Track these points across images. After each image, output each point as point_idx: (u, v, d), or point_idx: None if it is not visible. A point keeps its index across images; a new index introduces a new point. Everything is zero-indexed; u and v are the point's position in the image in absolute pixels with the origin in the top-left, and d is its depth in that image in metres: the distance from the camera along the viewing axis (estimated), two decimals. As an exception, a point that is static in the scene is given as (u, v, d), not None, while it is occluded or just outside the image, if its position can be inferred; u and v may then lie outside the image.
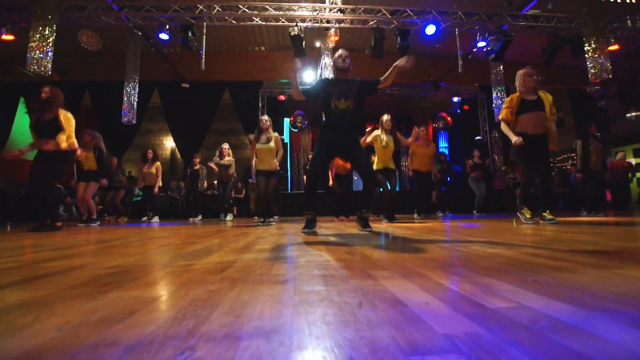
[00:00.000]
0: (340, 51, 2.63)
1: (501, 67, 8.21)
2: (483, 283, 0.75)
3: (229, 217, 6.07)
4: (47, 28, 5.04)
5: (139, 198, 8.60)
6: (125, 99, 7.38)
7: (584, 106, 10.45)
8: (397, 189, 4.73)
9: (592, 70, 6.38)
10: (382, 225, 3.37)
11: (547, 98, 3.11)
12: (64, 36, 6.65)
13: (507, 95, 8.42)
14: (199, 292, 0.71)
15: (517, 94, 3.19)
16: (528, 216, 3.14)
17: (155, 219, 6.05)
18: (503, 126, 3.25)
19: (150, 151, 6.07)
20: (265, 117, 4.26)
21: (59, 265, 1.11)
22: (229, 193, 6.19)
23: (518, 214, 3.38)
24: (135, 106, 7.55)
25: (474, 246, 1.46)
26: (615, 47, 7.32)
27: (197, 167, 6.95)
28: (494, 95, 8.52)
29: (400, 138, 4.51)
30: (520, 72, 3.19)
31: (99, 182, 4.75)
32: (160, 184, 6.18)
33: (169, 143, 12.05)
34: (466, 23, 6.73)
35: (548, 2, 6.59)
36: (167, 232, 2.84)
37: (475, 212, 6.24)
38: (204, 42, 6.20)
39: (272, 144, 4.13)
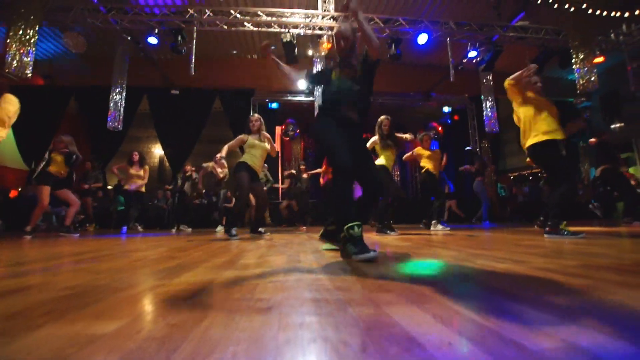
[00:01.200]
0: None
1: (490, 77, 8.30)
2: (509, 310, 0.62)
3: (219, 228, 5.83)
4: (29, 29, 4.84)
5: (123, 207, 8.31)
6: (111, 104, 7.17)
7: (570, 118, 10.63)
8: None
9: (580, 81, 6.48)
10: (373, 237, 3.23)
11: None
12: (49, 39, 6.46)
13: (497, 106, 8.57)
14: (157, 327, 0.56)
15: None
16: (569, 229, 2.43)
17: (139, 228, 5.78)
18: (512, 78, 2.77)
19: (136, 153, 5.76)
20: (256, 116, 3.76)
21: (1, 287, 0.93)
22: (221, 202, 5.98)
23: (550, 234, 2.47)
24: (122, 112, 7.33)
25: (479, 260, 1.33)
26: (600, 59, 7.48)
27: (189, 173, 6.74)
28: (484, 105, 8.59)
29: (399, 136, 4.09)
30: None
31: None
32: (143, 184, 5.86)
33: (157, 151, 11.77)
34: (457, 33, 6.78)
35: (537, 13, 6.72)
36: (146, 245, 2.64)
37: (484, 220, 6.12)
38: (194, 47, 6.07)
39: (265, 144, 3.68)
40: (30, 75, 4.91)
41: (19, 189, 8.36)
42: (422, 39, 6.56)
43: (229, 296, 0.77)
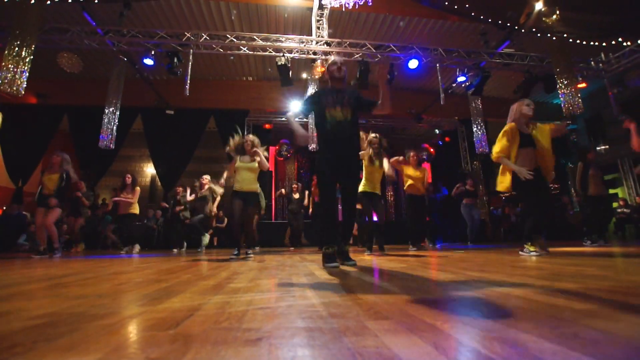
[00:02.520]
0: (334, 58, 2.42)
1: (479, 101, 8.55)
2: (513, 339, 0.59)
3: (205, 240, 5.67)
4: (25, 49, 4.87)
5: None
6: (104, 123, 7.14)
7: (558, 140, 10.94)
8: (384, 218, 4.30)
9: (566, 105, 6.71)
10: (372, 258, 3.17)
11: (543, 131, 3.03)
12: (45, 59, 6.49)
13: (486, 128, 8.78)
14: (134, 362, 0.51)
15: (514, 125, 3.01)
16: (532, 249, 2.86)
17: (137, 248, 5.63)
18: (504, 161, 2.98)
19: (129, 175, 5.78)
20: (251, 137, 3.77)
21: (-32, 315, 0.86)
22: (196, 220, 5.84)
23: (521, 252, 3.00)
24: (114, 131, 7.29)
25: (478, 283, 1.30)
26: (583, 85, 7.80)
27: (180, 196, 6.68)
28: (474, 127, 8.78)
29: (387, 159, 4.21)
30: (516, 104, 3.10)
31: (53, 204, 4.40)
32: (136, 209, 5.79)
33: (149, 170, 11.66)
34: (446, 59, 7.03)
35: (521, 42, 7.04)
36: (132, 267, 2.54)
37: (469, 242, 6.28)
38: (190, 68, 6.16)
39: (255, 164, 3.69)
40: (22, 93, 4.89)
41: (4, 208, 8.13)
42: (413, 64, 6.78)
43: (215, 325, 0.72)
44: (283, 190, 7.14)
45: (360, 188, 4.02)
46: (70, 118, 9.15)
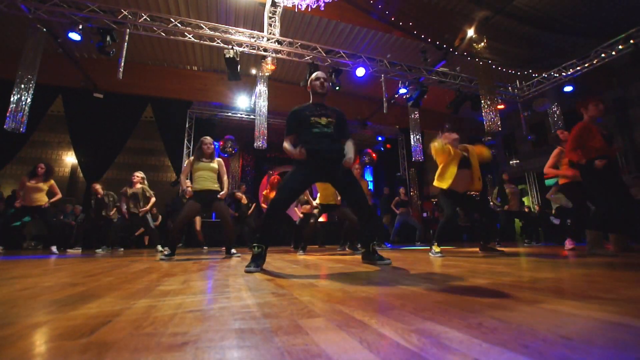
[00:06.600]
0: (317, 73, 2.38)
1: (417, 113, 9.26)
2: (429, 331, 0.65)
3: (159, 247, 5.11)
4: None
5: (19, 223, 6.96)
6: (13, 102, 6.10)
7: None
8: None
9: (487, 123, 7.61)
10: (308, 257, 3.22)
11: (472, 151, 3.41)
12: None
13: (422, 138, 9.55)
14: (32, 377, 0.45)
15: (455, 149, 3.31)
16: (437, 250, 3.19)
17: (53, 249, 4.90)
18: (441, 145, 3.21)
19: (43, 165, 5.02)
20: (209, 139, 3.65)
21: None
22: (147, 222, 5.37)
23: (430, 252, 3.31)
24: (26, 112, 6.27)
25: (405, 280, 1.40)
26: (502, 106, 8.94)
27: (101, 194, 5.99)
28: (412, 136, 9.47)
29: None
30: (444, 135, 3.40)
31: None
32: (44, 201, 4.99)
33: (69, 159, 10.29)
34: (390, 71, 7.48)
35: (454, 63, 7.80)
36: (41, 269, 2.22)
37: (418, 242, 6.96)
38: (125, 49, 5.58)
39: (214, 164, 3.58)
40: None
41: None
42: (360, 72, 7.06)
43: (137, 331, 0.66)
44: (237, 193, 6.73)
45: (317, 201, 4.53)
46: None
